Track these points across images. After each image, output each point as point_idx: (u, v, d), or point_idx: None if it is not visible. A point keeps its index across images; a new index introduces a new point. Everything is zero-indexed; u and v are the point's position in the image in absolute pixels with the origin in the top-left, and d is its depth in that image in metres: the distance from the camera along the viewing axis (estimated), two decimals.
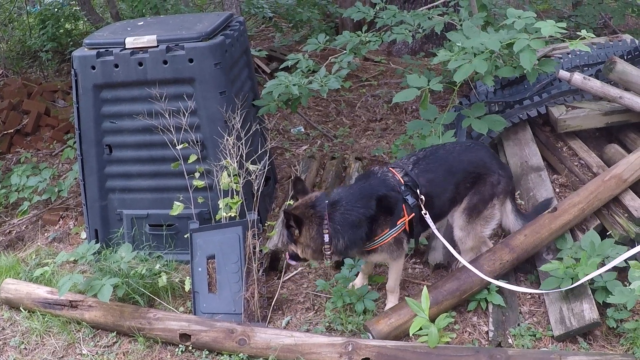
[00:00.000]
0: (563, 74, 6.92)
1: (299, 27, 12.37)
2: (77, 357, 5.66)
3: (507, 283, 5.46)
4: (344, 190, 5.46)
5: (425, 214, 5.30)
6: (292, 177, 6.06)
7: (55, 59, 12.59)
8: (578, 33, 5.74)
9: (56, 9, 12.87)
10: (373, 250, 5.39)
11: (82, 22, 13.58)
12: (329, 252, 5.24)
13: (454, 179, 5.50)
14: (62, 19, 12.62)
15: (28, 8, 14.90)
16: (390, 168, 5.47)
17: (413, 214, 5.33)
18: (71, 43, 12.28)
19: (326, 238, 5.20)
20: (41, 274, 6.09)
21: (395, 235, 5.32)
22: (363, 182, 5.46)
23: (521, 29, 5.84)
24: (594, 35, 6.00)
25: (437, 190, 5.45)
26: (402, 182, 5.34)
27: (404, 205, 5.30)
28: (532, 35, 5.73)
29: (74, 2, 13.11)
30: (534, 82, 7.36)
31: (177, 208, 6.07)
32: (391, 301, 5.70)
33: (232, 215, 5.91)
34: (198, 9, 14.21)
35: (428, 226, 5.35)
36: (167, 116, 6.04)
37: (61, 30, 12.48)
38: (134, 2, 10.51)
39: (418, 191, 5.33)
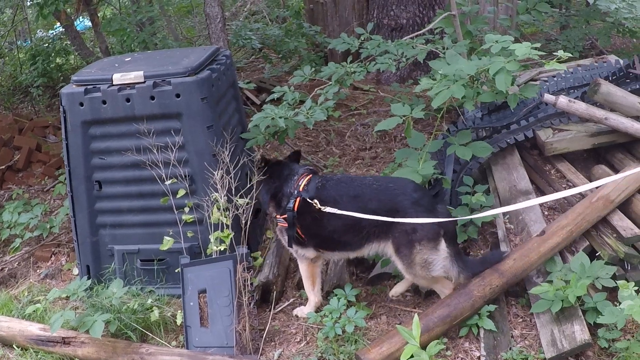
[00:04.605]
0: (548, 97, 6.97)
1: (288, 57, 12.42)
2: None
3: None
4: (289, 163, 6.18)
5: (323, 207, 5.56)
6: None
7: (47, 94, 12.62)
8: (555, 53, 5.78)
9: (46, 45, 12.90)
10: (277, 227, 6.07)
11: (72, 56, 13.63)
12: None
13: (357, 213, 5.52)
14: (53, 54, 12.65)
15: (19, 42, 14.94)
16: (303, 175, 5.90)
17: (286, 215, 5.76)
18: (62, 78, 12.32)
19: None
20: (33, 311, 6.13)
21: (281, 225, 5.91)
22: (288, 167, 6.07)
23: (497, 52, 5.89)
24: (571, 54, 6.05)
25: (329, 214, 5.58)
26: (300, 189, 5.76)
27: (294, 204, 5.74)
28: (508, 58, 5.78)
29: (64, 36, 13.14)
30: (520, 107, 7.42)
31: (167, 243, 6.09)
32: (307, 305, 6.12)
33: (223, 249, 5.93)
34: (188, 42, 14.25)
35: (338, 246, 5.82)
36: (155, 151, 6.08)
37: (52, 65, 12.50)
38: (123, 37, 10.54)
39: (309, 199, 5.67)
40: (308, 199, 5.64)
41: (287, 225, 5.78)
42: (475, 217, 5.61)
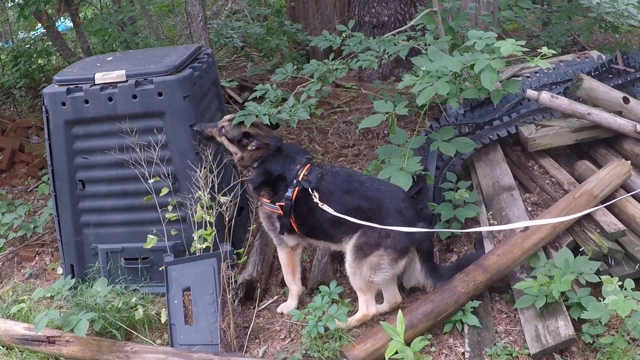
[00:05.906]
0: (531, 93, 6.98)
1: (269, 56, 12.39)
2: None
3: None
4: (287, 148, 6.07)
5: (321, 203, 5.58)
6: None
7: (29, 95, 12.55)
8: (539, 50, 5.79)
9: (28, 46, 12.85)
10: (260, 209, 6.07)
11: (54, 57, 13.57)
12: (248, 178, 5.97)
13: (344, 207, 5.56)
14: (35, 55, 12.60)
15: (1, 44, 14.86)
16: (304, 165, 5.83)
17: (283, 204, 5.71)
18: (44, 79, 12.25)
19: (254, 164, 5.89)
20: (18, 311, 6.12)
21: (268, 210, 5.90)
22: (286, 155, 5.94)
23: (482, 49, 5.89)
24: (555, 52, 6.05)
25: (318, 207, 5.62)
26: (300, 178, 5.72)
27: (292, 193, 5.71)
28: (492, 55, 5.77)
29: (46, 37, 13.08)
30: (503, 103, 7.43)
31: (151, 241, 6.07)
32: (289, 299, 6.17)
33: (207, 246, 5.93)
34: (169, 41, 14.21)
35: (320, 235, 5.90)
36: (138, 150, 6.06)
37: (34, 66, 12.45)
38: (105, 37, 10.50)
39: (310, 189, 5.65)
40: (310, 189, 5.64)
41: (282, 213, 5.76)
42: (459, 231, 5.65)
